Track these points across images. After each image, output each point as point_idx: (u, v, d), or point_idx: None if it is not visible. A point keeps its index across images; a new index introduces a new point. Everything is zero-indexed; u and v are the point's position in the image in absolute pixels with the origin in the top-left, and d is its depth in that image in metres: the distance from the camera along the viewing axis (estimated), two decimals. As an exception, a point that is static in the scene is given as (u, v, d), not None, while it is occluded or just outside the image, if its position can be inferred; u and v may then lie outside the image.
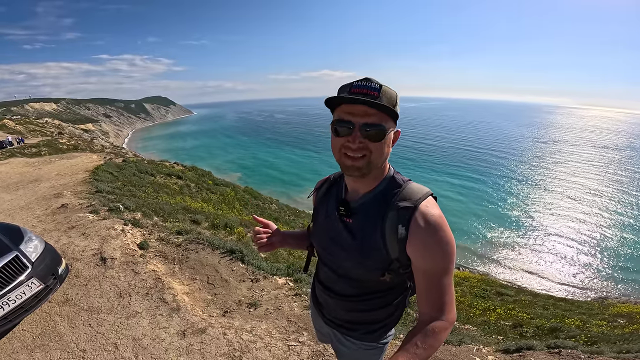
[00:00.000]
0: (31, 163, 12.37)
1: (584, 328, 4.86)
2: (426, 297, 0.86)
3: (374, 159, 0.86)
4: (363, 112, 0.83)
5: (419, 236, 0.84)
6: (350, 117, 0.84)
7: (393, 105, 0.84)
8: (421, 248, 0.84)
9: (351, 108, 0.84)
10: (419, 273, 0.87)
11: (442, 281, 0.84)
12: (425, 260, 0.85)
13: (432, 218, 0.84)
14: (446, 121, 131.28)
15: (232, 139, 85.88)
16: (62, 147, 21.98)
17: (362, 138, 0.84)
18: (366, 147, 0.84)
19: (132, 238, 4.30)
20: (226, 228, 5.83)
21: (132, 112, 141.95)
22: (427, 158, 53.85)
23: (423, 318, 0.84)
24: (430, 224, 0.84)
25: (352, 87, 0.85)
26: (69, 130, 57.72)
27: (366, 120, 0.83)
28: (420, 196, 0.88)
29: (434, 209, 0.87)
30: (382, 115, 0.83)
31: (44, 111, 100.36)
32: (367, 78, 0.85)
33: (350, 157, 0.86)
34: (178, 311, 2.76)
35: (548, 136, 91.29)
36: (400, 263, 0.91)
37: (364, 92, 0.83)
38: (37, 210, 5.76)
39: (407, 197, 0.88)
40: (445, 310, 0.83)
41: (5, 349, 2.37)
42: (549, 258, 21.78)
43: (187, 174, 14.01)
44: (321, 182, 1.20)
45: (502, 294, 7.91)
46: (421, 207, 0.86)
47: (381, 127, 0.83)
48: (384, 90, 0.83)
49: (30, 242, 2.77)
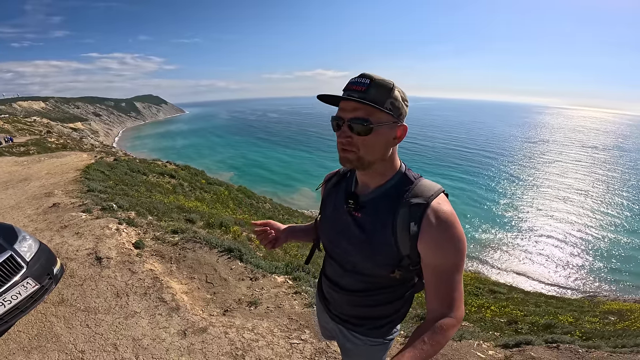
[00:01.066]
0: (20, 162, 12.11)
1: (577, 324, 4.94)
2: (435, 293, 0.86)
3: (364, 153, 0.87)
4: (352, 107, 0.85)
5: (431, 233, 0.84)
6: (341, 113, 0.88)
7: (384, 99, 0.84)
8: (433, 245, 0.84)
9: (343, 104, 0.88)
10: (429, 269, 0.87)
11: (452, 278, 0.84)
12: (437, 257, 0.85)
13: (444, 215, 0.84)
14: (438, 121, 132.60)
15: (224, 139, 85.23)
16: (51, 146, 21.58)
17: (348, 132, 0.86)
18: (354, 141, 0.86)
19: (128, 237, 4.24)
20: (221, 227, 5.78)
21: (123, 111, 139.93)
22: (419, 158, 54.26)
23: (432, 314, 0.84)
24: (442, 221, 0.84)
25: (348, 83, 0.87)
26: (57, 129, 56.69)
27: (352, 115, 0.85)
28: (432, 193, 0.88)
29: (445, 205, 0.87)
30: (369, 110, 0.83)
31: (33, 110, 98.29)
32: (362, 74, 0.86)
33: (343, 150, 0.89)
34: (178, 311, 2.72)
35: (537, 136, 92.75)
36: (410, 260, 0.91)
37: (353, 89, 0.85)
38: (28, 210, 5.63)
39: (419, 193, 0.88)
40: (454, 307, 0.83)
41: (1, 351, 2.30)
42: (538, 258, 22.07)
43: (180, 173, 13.86)
44: (331, 174, 1.20)
45: (494, 292, 8.01)
46: (433, 204, 0.86)
47: (366, 122, 0.83)
48: (375, 84, 0.83)
49: (25, 242, 2.70)
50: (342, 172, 1.14)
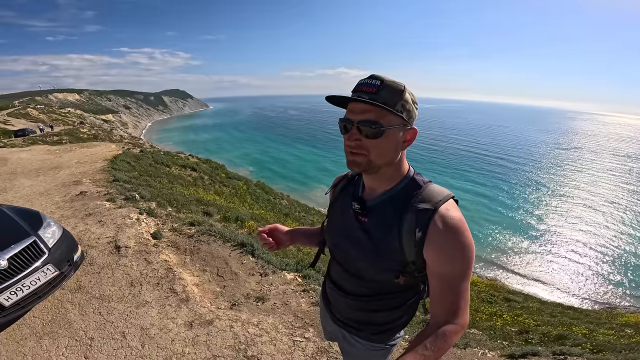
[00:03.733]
0: (52, 151, 12.77)
1: (591, 336, 4.75)
2: (440, 300, 0.84)
3: (374, 157, 0.85)
4: (361, 109, 0.83)
5: (438, 239, 0.82)
6: (349, 115, 0.85)
7: (395, 101, 0.82)
8: (439, 251, 0.82)
9: (352, 106, 0.86)
10: (435, 276, 0.85)
11: (459, 285, 0.82)
12: (443, 264, 0.83)
13: (451, 221, 0.82)
14: (465, 124, 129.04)
15: (245, 134, 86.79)
16: (82, 137, 22.62)
17: (358, 135, 0.84)
18: (363, 144, 0.84)
19: (147, 227, 4.39)
20: (237, 221, 5.88)
21: (151, 104, 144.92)
22: (440, 162, 53.14)
23: (435, 320, 0.82)
24: (449, 227, 0.82)
25: (357, 85, 0.85)
26: (90, 120, 59.31)
27: (362, 117, 0.82)
28: (440, 198, 0.86)
29: (454, 211, 0.84)
30: (380, 112, 0.81)
31: (67, 101, 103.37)
32: (372, 75, 0.84)
33: (352, 154, 0.87)
34: (187, 302, 2.79)
35: (569, 143, 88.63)
36: (416, 266, 0.89)
37: (363, 90, 0.83)
38: (56, 197, 5.93)
39: (427, 199, 0.86)
40: (458, 314, 0.81)
41: (14, 336, 2.40)
42: (559, 267, 21.38)
43: (201, 166, 14.20)
44: (339, 178, 1.19)
45: (509, 300, 7.77)
46: (441, 209, 0.83)
47: (376, 124, 0.81)
48: (386, 86, 0.81)
49: (49, 228, 2.81)
50: (350, 176, 1.13)
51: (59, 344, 2.31)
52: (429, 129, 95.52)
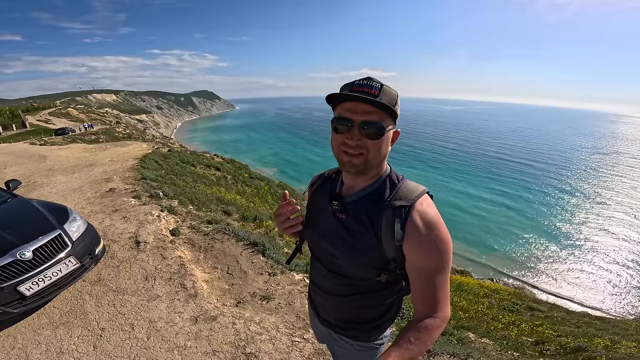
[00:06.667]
0: (89, 149, 13.59)
1: (612, 348, 4.46)
2: (420, 295, 0.86)
3: (372, 157, 0.87)
4: (364, 110, 0.84)
5: (415, 235, 0.84)
6: (350, 115, 0.85)
7: (393, 104, 0.84)
8: (417, 246, 0.84)
9: (353, 106, 0.85)
10: (414, 271, 0.87)
11: (437, 279, 0.84)
12: (421, 259, 0.85)
13: (427, 216, 0.85)
14: (495, 126, 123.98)
15: (270, 135, 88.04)
16: (118, 136, 23.89)
17: (360, 135, 0.85)
18: (364, 144, 0.85)
19: (166, 224, 4.60)
20: (255, 220, 6.00)
21: (181, 105, 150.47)
22: (468, 167, 51.45)
23: (417, 315, 0.84)
24: (426, 222, 0.84)
25: (353, 85, 0.86)
26: (125, 120, 62.42)
27: (365, 118, 0.84)
28: (416, 195, 0.88)
29: (430, 207, 0.87)
30: (382, 114, 0.84)
31: (105, 101, 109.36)
32: (368, 77, 0.87)
33: (348, 154, 0.87)
34: (195, 297, 2.92)
35: (609, 147, 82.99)
36: (396, 263, 0.91)
37: (365, 91, 0.84)
38: (88, 193, 6.33)
39: (403, 196, 0.89)
40: (438, 307, 0.83)
41: (32, 325, 2.57)
42: (592, 277, 20.43)
43: (225, 166, 14.59)
44: (316, 177, 1.21)
45: (533, 309, 7.44)
46: (417, 205, 0.86)
47: (380, 125, 0.83)
48: (385, 90, 0.84)
49: (74, 222, 3.02)
50: (327, 175, 1.15)
51: (72, 334, 2.46)
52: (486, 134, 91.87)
